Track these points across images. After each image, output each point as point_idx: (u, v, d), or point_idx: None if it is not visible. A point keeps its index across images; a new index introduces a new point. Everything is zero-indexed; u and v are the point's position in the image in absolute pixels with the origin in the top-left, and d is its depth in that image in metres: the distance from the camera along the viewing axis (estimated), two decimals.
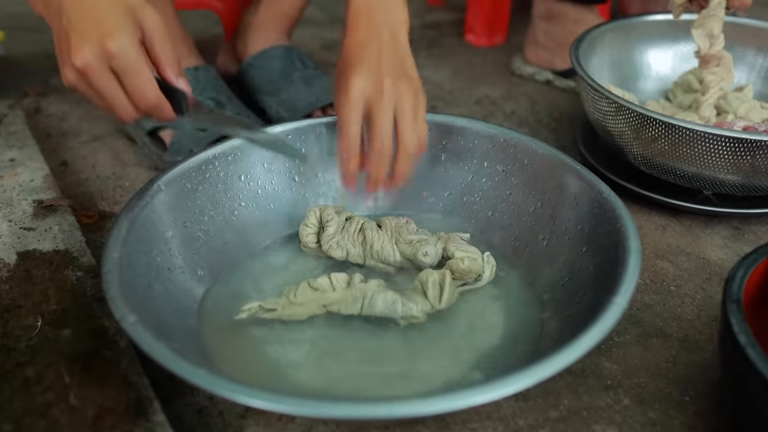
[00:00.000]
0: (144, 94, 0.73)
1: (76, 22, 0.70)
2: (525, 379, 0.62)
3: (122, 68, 0.71)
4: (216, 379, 0.61)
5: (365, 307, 0.81)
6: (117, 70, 0.71)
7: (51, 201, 1.00)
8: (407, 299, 0.81)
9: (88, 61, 0.70)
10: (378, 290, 0.82)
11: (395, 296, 0.81)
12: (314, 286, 0.82)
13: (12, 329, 0.79)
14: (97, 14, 0.70)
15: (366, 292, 0.82)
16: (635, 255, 0.75)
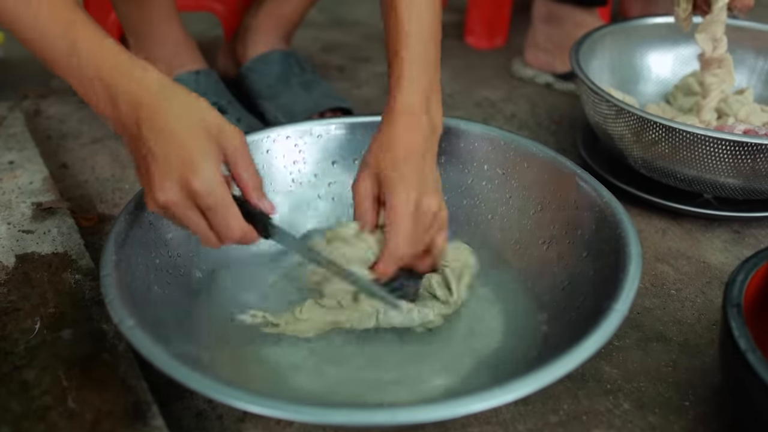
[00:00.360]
0: (230, 230, 0.71)
1: (157, 154, 0.68)
2: (525, 387, 0.62)
3: (207, 206, 0.69)
4: (214, 383, 0.61)
5: (381, 321, 0.80)
6: (202, 208, 0.70)
7: (50, 203, 1.00)
8: (421, 306, 0.81)
9: (172, 200, 0.69)
10: None
11: (409, 305, 0.80)
12: (321, 303, 0.81)
13: (10, 332, 0.79)
14: (178, 145, 0.68)
15: (378, 305, 0.81)
16: (636, 261, 0.75)
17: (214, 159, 0.69)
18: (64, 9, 0.69)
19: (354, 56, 1.64)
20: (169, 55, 1.16)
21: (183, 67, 1.17)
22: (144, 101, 0.68)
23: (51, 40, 0.69)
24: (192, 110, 0.69)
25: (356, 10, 1.92)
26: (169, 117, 0.68)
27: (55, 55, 0.69)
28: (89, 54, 0.68)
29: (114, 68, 0.69)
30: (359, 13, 1.90)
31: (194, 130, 0.68)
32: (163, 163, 0.68)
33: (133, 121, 0.69)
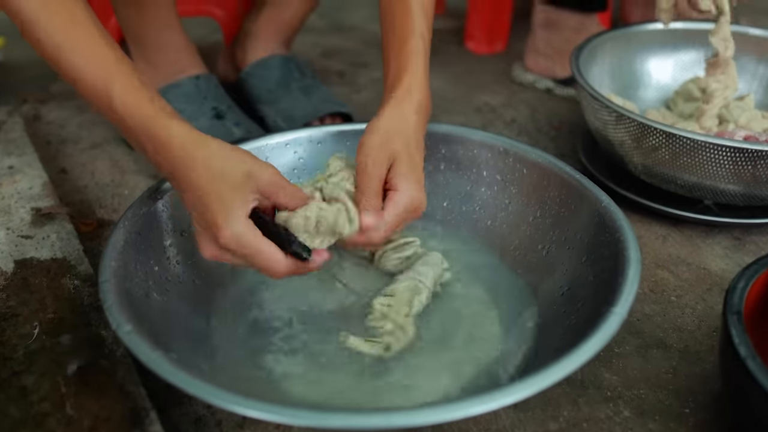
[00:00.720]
0: (273, 272, 0.73)
1: (194, 209, 0.72)
2: (524, 390, 0.62)
3: (242, 256, 0.72)
4: (213, 388, 0.61)
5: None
6: (240, 257, 0.72)
7: (49, 209, 1.00)
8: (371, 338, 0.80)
9: (215, 255, 0.73)
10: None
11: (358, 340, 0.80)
12: None
13: (9, 337, 0.78)
14: (204, 204, 0.70)
15: None
16: (635, 265, 0.74)
17: (239, 209, 0.71)
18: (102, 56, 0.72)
19: (353, 61, 1.64)
20: (169, 61, 1.16)
21: (183, 72, 1.17)
22: (175, 164, 0.71)
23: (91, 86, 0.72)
24: (216, 165, 0.71)
25: (355, 16, 1.92)
26: (194, 177, 0.71)
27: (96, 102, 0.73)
28: (125, 107, 0.71)
29: (147, 131, 0.71)
30: (358, 18, 1.91)
31: (216, 185, 0.70)
32: (200, 220, 0.72)
33: (173, 181, 0.73)
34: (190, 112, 1.14)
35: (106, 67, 0.72)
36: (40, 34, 0.72)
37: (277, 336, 0.82)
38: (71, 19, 0.72)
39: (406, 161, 0.78)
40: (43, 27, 0.71)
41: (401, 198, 0.77)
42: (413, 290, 0.83)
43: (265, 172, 0.73)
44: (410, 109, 0.81)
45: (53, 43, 0.71)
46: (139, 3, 1.09)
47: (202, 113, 1.15)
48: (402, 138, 0.79)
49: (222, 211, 0.70)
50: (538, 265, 0.89)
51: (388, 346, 0.78)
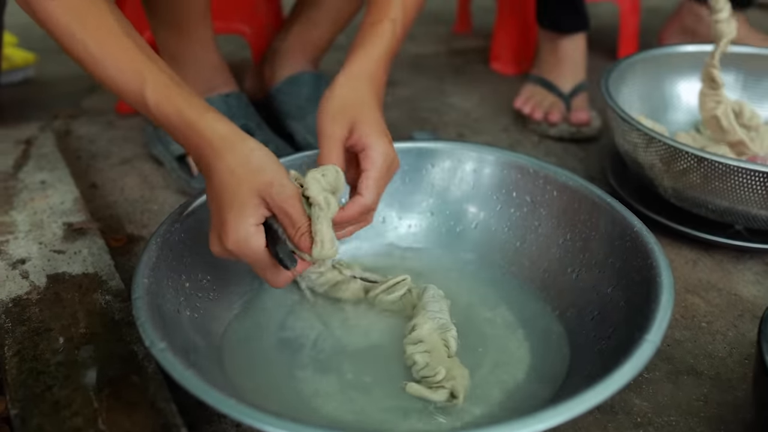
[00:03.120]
0: (269, 281, 0.76)
1: (211, 206, 0.74)
2: (555, 417, 0.61)
3: (244, 261, 0.74)
4: (246, 408, 0.61)
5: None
6: (241, 259, 0.74)
7: (81, 224, 1.01)
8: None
9: (219, 253, 0.74)
10: None
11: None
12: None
13: (42, 352, 0.79)
14: (220, 204, 0.72)
15: None
16: (668, 291, 0.74)
17: (248, 217, 0.71)
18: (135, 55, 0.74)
19: None
20: (203, 79, 1.17)
21: (215, 90, 1.18)
22: (203, 161, 0.74)
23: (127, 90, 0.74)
24: (239, 171, 0.72)
25: None
26: (216, 178, 0.72)
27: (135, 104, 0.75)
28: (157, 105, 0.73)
29: (180, 128, 0.74)
30: None
31: (236, 190, 0.71)
32: (213, 218, 0.74)
33: (201, 169, 0.75)
34: None
35: (138, 70, 0.74)
36: (78, 47, 0.74)
37: (307, 354, 0.82)
38: (104, 30, 0.75)
39: (369, 120, 0.79)
40: (79, 40, 0.74)
41: (375, 154, 0.78)
42: (440, 329, 0.81)
43: (279, 190, 0.72)
44: (362, 78, 0.82)
45: (89, 54, 0.74)
46: (180, 24, 1.11)
47: None
48: (358, 101, 0.80)
49: (233, 214, 0.71)
50: (568, 289, 0.88)
51: (455, 391, 0.75)
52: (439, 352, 0.79)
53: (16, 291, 0.88)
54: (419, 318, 0.82)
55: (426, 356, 0.78)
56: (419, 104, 1.53)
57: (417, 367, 0.78)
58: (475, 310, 0.89)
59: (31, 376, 0.76)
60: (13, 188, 1.10)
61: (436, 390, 0.76)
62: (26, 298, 0.87)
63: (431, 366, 0.77)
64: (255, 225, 0.72)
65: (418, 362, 0.78)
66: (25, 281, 0.90)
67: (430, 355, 0.78)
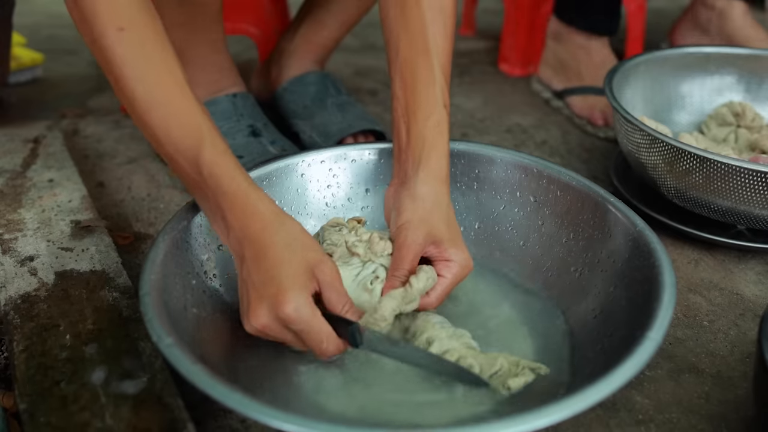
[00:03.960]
0: (323, 351, 0.75)
1: (256, 281, 0.73)
2: (558, 413, 0.62)
3: (298, 330, 0.73)
4: (252, 403, 0.62)
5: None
6: (294, 330, 0.73)
7: (88, 222, 1.02)
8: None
9: (266, 324, 0.73)
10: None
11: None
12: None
13: (50, 348, 0.80)
14: (275, 275, 0.72)
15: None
16: (670, 290, 0.75)
17: (304, 288, 0.72)
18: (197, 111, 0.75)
19: (386, 81, 1.65)
20: (211, 80, 1.18)
21: (222, 90, 1.19)
22: (251, 232, 0.74)
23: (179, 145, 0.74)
24: (294, 245, 0.74)
25: None
26: (271, 251, 0.73)
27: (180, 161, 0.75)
28: (210, 177, 0.74)
29: (229, 195, 0.74)
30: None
31: (293, 262, 0.73)
32: (260, 289, 0.73)
33: (239, 247, 0.75)
34: (226, 129, 1.16)
35: (198, 127, 0.74)
36: (138, 88, 0.73)
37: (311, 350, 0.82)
38: (170, 77, 0.74)
39: (451, 233, 0.83)
40: (140, 80, 0.73)
41: (457, 267, 0.82)
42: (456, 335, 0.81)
43: (331, 271, 0.75)
44: (441, 180, 0.85)
45: (150, 98, 0.73)
46: (193, 26, 1.12)
47: (239, 130, 1.17)
48: (437, 208, 0.83)
49: (292, 285, 0.72)
50: (571, 287, 0.89)
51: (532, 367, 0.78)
52: (473, 352, 0.79)
53: (25, 288, 0.89)
54: (430, 331, 0.81)
55: (472, 359, 0.78)
56: None
57: (474, 371, 0.77)
58: (478, 308, 0.89)
59: (39, 372, 0.77)
60: (22, 186, 1.11)
61: (523, 374, 0.77)
62: (34, 295, 0.88)
63: (487, 364, 0.78)
64: (309, 296, 0.73)
65: (473, 366, 0.77)
66: (33, 278, 0.91)
67: (472, 356, 0.78)
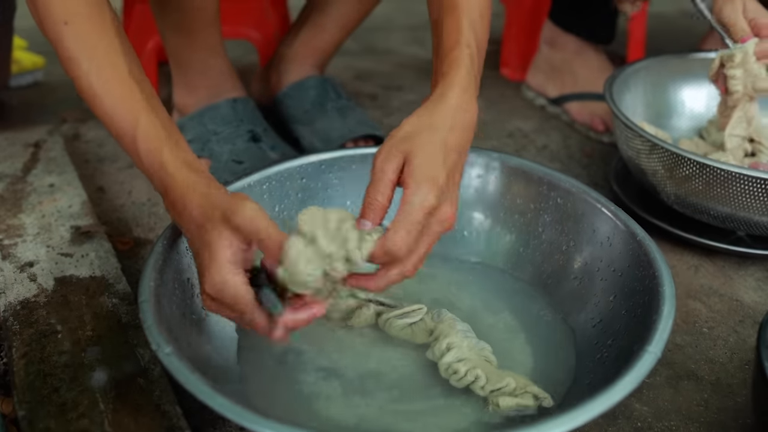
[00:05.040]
0: (254, 326, 0.70)
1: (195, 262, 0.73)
2: (556, 427, 0.62)
3: (227, 306, 0.70)
4: (250, 413, 0.62)
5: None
6: (225, 304, 0.70)
7: (88, 227, 1.02)
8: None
9: (209, 306, 0.72)
10: None
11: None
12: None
13: (49, 354, 0.80)
14: (195, 250, 0.72)
15: None
16: (669, 302, 0.74)
17: (221, 258, 0.68)
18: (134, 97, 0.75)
19: (386, 84, 1.65)
20: (210, 84, 1.18)
21: (222, 95, 1.19)
22: (176, 210, 0.73)
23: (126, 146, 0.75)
24: (199, 210, 0.70)
25: (388, 39, 1.94)
26: (188, 225, 0.72)
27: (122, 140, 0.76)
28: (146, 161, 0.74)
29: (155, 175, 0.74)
30: (392, 41, 1.93)
31: (202, 234, 0.70)
32: (199, 274, 0.72)
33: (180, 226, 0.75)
34: (226, 134, 1.16)
35: (134, 113, 0.74)
36: (81, 77, 0.75)
37: (310, 359, 0.82)
38: (109, 66, 0.75)
39: (422, 160, 0.72)
40: (84, 71, 0.74)
41: (412, 196, 0.70)
42: (477, 346, 0.81)
43: (242, 212, 0.68)
44: (441, 111, 0.76)
45: (90, 87, 0.75)
46: (189, 30, 1.12)
47: (239, 135, 1.17)
48: (422, 137, 0.73)
49: (207, 258, 0.69)
50: (570, 296, 0.89)
51: (538, 394, 0.76)
52: (487, 366, 0.79)
53: (24, 293, 0.89)
54: (453, 337, 0.81)
55: (482, 372, 0.78)
56: None
57: (479, 383, 0.77)
58: (478, 315, 0.89)
59: (38, 378, 0.77)
60: (22, 191, 1.11)
61: (523, 396, 0.76)
62: (34, 301, 0.88)
63: (495, 380, 0.77)
64: (232, 264, 0.68)
65: (480, 378, 0.77)
66: (32, 284, 0.91)
67: (484, 370, 0.78)
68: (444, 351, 0.80)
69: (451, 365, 0.79)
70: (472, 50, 0.82)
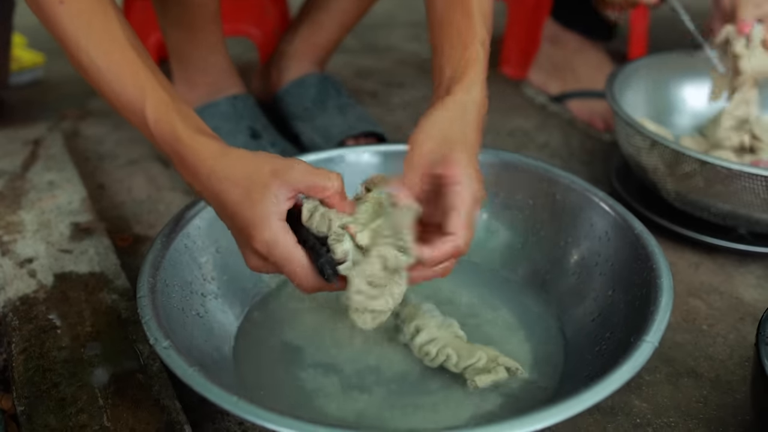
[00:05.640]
0: (298, 283, 0.71)
1: (230, 225, 0.72)
2: (554, 416, 0.62)
3: (275, 262, 0.70)
4: (249, 405, 0.62)
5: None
6: (271, 264, 0.70)
7: (88, 224, 1.02)
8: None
9: (256, 265, 0.72)
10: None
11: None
12: None
13: (48, 349, 0.80)
14: (239, 215, 0.69)
15: None
16: (667, 293, 0.74)
17: (270, 214, 0.68)
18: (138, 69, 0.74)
19: (387, 82, 1.65)
20: (210, 81, 1.18)
21: (222, 92, 1.19)
22: (203, 182, 0.71)
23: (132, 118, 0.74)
24: (238, 170, 0.70)
25: (389, 36, 1.94)
26: (225, 195, 0.70)
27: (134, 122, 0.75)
28: (157, 132, 0.73)
29: (175, 146, 0.72)
30: (393, 38, 1.92)
31: (245, 190, 0.69)
32: (238, 235, 0.72)
33: (203, 197, 0.73)
34: (226, 131, 1.16)
35: (140, 85, 0.73)
36: (81, 55, 0.74)
37: (310, 354, 0.83)
38: (109, 40, 0.74)
39: (465, 154, 0.74)
40: (84, 48, 0.74)
41: (467, 191, 0.71)
42: (445, 324, 0.82)
43: (294, 167, 0.69)
44: (470, 102, 0.79)
45: (92, 64, 0.74)
46: (190, 26, 1.12)
47: (239, 132, 1.17)
48: (460, 132, 0.76)
49: (254, 216, 0.68)
50: (569, 291, 0.89)
51: (508, 365, 0.78)
52: (457, 341, 0.80)
53: (24, 289, 0.89)
54: (420, 319, 0.82)
55: (452, 349, 0.79)
56: (426, 106, 1.53)
57: (452, 362, 0.78)
58: (476, 311, 0.89)
59: (37, 374, 0.77)
60: (21, 188, 1.11)
61: (495, 371, 0.77)
62: (33, 297, 0.88)
63: (466, 356, 0.78)
64: (279, 219, 0.68)
65: (450, 356, 0.78)
66: (32, 280, 0.91)
67: (454, 347, 0.79)
68: (413, 333, 0.81)
69: (422, 347, 0.80)
70: (486, 49, 0.85)
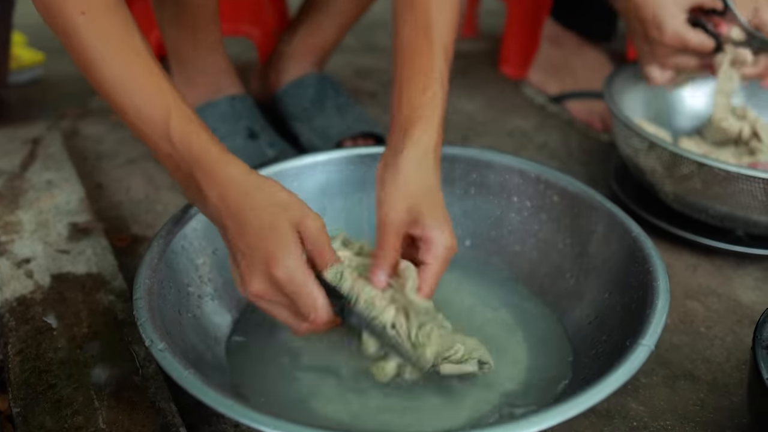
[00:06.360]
0: (316, 314, 0.72)
1: (243, 246, 0.71)
2: (550, 418, 0.62)
3: (291, 292, 0.71)
4: (244, 408, 0.62)
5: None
6: (288, 295, 0.71)
7: (86, 224, 1.02)
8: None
9: (261, 291, 0.71)
10: None
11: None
12: None
13: (44, 351, 0.80)
14: (261, 239, 0.70)
15: None
16: (664, 296, 0.74)
17: (294, 247, 0.70)
18: (162, 84, 0.74)
19: (386, 82, 1.65)
20: (209, 81, 1.18)
21: (221, 92, 1.19)
22: (229, 201, 0.72)
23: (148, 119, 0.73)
24: (274, 207, 0.71)
25: (389, 36, 1.93)
26: (252, 216, 0.71)
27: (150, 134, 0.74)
28: (182, 148, 0.72)
29: (201, 163, 0.72)
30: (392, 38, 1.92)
31: (276, 224, 0.70)
32: (250, 256, 0.71)
33: (219, 216, 0.73)
34: (224, 132, 1.16)
35: (165, 100, 0.73)
36: (103, 69, 0.73)
37: (306, 357, 0.82)
38: (132, 54, 0.74)
39: (434, 210, 0.78)
40: (106, 61, 0.73)
41: (439, 248, 0.77)
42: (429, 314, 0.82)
43: (315, 221, 0.72)
44: (428, 148, 0.81)
45: (115, 78, 0.73)
46: (189, 26, 1.12)
47: (237, 132, 1.17)
48: (424, 185, 0.79)
49: (281, 247, 0.70)
50: (566, 293, 0.89)
51: (482, 358, 0.77)
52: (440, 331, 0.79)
53: (21, 290, 0.89)
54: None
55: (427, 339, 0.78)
56: None
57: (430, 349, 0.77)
58: (475, 312, 0.89)
59: (33, 375, 0.77)
60: (20, 188, 1.11)
61: (467, 362, 0.77)
62: (30, 297, 0.88)
63: (445, 345, 0.77)
64: (301, 255, 0.71)
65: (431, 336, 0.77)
66: (29, 280, 0.91)
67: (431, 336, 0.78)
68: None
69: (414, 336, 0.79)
70: (444, 86, 0.86)
